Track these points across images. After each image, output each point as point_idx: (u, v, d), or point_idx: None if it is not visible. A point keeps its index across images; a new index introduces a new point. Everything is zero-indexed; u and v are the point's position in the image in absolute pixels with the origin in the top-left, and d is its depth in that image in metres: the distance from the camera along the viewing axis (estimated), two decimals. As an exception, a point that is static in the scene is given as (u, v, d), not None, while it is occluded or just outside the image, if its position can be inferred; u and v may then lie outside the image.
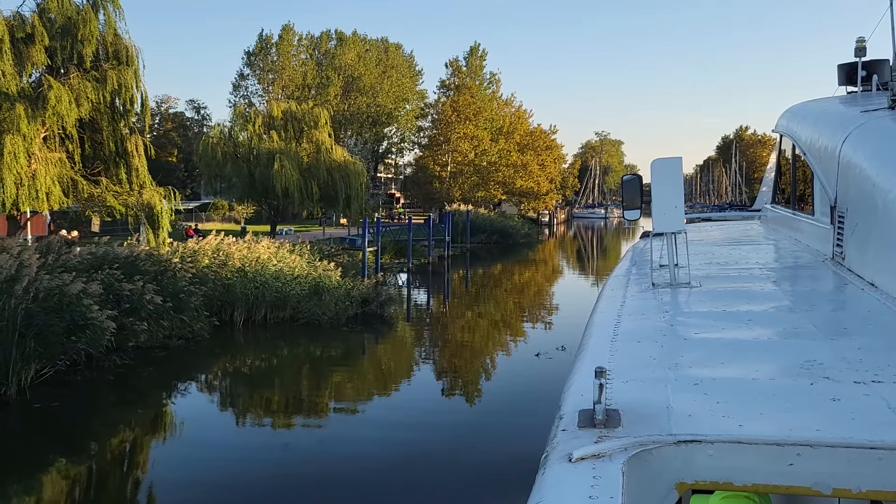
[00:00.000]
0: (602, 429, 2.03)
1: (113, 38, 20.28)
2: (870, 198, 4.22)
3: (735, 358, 2.80)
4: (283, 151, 31.61)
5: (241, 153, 31.95)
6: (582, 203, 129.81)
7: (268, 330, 19.62)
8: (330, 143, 33.00)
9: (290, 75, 63.40)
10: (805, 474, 1.87)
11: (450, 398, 14.38)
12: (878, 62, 6.36)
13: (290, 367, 17.04)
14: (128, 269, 17.34)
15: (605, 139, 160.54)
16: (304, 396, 14.50)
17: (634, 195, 4.71)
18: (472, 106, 62.75)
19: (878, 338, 3.06)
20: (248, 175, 31.36)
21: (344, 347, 18.93)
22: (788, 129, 6.58)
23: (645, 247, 6.50)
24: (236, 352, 18.19)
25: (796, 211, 6.41)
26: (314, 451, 10.92)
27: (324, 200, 33.65)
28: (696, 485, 1.96)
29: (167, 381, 15.00)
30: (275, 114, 32.88)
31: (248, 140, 32.02)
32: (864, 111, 5.16)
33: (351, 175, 33.18)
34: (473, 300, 29.17)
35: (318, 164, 32.64)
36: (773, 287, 4.37)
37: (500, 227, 55.65)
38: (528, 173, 70.49)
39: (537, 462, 1.97)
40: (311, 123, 33.28)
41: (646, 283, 4.66)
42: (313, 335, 19.24)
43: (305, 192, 31.91)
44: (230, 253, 22.03)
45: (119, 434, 11.79)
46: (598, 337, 3.40)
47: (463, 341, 20.18)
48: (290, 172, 30.91)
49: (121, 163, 20.87)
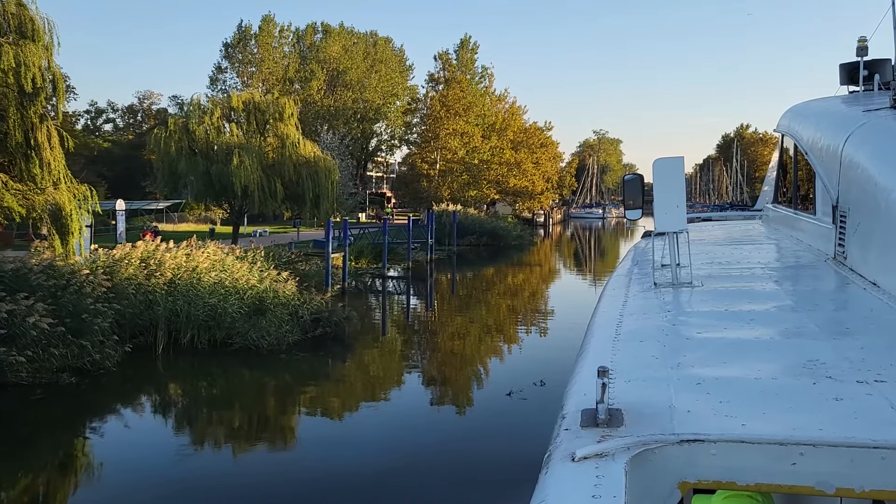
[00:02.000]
0: (605, 428, 2.04)
1: (16, 9, 17.12)
2: (872, 197, 4.18)
3: (737, 357, 2.79)
4: (243, 146, 28.50)
5: (198, 148, 28.80)
6: (579, 203, 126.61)
7: (194, 357, 16.28)
8: (297, 136, 29.86)
9: (270, 68, 60.14)
10: (808, 474, 1.88)
11: (405, 462, 10.58)
12: (880, 62, 6.33)
13: (182, 416, 13.21)
14: (15, 284, 14.24)
15: (604, 138, 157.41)
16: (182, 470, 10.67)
17: (636, 195, 4.67)
18: (462, 101, 59.58)
19: (880, 337, 3.05)
20: (204, 172, 28.21)
21: (274, 385, 15.16)
22: (790, 129, 6.52)
23: (647, 246, 6.53)
24: (135, 392, 14.34)
25: (798, 210, 6.37)
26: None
27: (290, 200, 30.56)
28: (698, 484, 1.96)
29: (23, 445, 11.02)
30: (235, 105, 29.73)
31: (205, 134, 28.87)
32: (866, 111, 5.10)
33: (320, 172, 30.08)
34: (449, 316, 25.39)
35: (283, 160, 29.57)
36: (775, 287, 4.36)
37: (490, 228, 52.26)
38: (522, 172, 67.43)
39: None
40: (276, 116, 30.16)
41: (648, 282, 4.61)
42: (243, 366, 15.93)
43: (268, 190, 28.83)
44: (163, 261, 18.94)
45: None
46: (601, 336, 3.38)
47: (430, 376, 16.46)
48: (251, 169, 27.81)
49: (31, 156, 17.73)
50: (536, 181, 70.83)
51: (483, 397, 14.13)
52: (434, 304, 28.43)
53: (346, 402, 14.01)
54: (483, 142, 63.14)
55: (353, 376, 16.32)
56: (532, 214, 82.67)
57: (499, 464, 9.90)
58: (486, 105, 70.84)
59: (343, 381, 15.86)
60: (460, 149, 58.37)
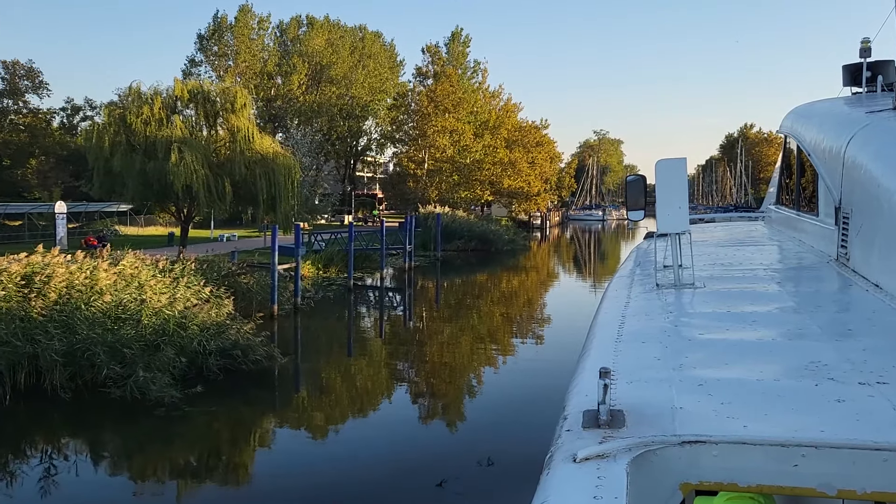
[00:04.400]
0: (606, 429, 2.04)
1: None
2: (874, 199, 4.15)
3: (739, 359, 2.80)
4: (185, 140, 24.88)
5: (137, 142, 25.19)
6: (578, 204, 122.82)
7: (43, 410, 12.43)
8: (249, 129, 26.22)
9: (247, 61, 56.51)
10: (810, 475, 1.88)
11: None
12: (883, 63, 6.31)
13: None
14: None
15: (604, 138, 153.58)
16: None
17: (638, 196, 4.72)
18: (451, 96, 55.94)
19: (882, 339, 3.04)
20: (140, 170, 24.59)
21: (142, 460, 10.78)
22: (793, 130, 6.50)
23: (649, 247, 6.56)
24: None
25: (800, 212, 6.33)
26: None
27: (241, 201, 26.96)
28: (700, 485, 1.96)
29: None
30: (178, 93, 26.09)
31: (143, 126, 25.27)
32: (869, 112, 5.06)
33: (277, 170, 26.46)
34: (414, 344, 20.71)
35: (233, 157, 25.97)
36: (778, 288, 4.36)
37: (480, 232, 48.43)
38: (517, 172, 63.86)
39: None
40: (227, 107, 26.56)
41: (650, 283, 4.62)
42: (93, 428, 12.09)
43: (216, 190, 25.20)
44: (53, 276, 15.38)
45: None
46: (603, 337, 3.37)
47: (370, 437, 11.99)
48: (194, 166, 24.20)
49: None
50: (532, 182, 67.25)
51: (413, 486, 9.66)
52: (401, 325, 24.74)
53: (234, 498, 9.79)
54: (475, 140, 59.54)
55: (257, 444, 11.99)
56: (528, 217, 79.03)
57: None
58: (479, 101, 67.21)
59: (237, 458, 11.30)
60: (449, 147, 54.71)
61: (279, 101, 57.17)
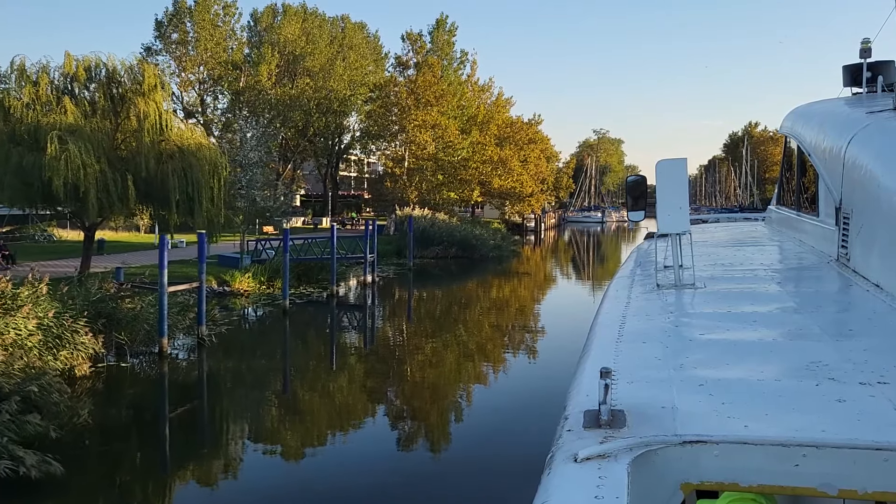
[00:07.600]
0: (607, 429, 2.02)
1: None
2: (875, 199, 4.17)
3: (740, 359, 2.79)
4: (73, 129, 19.97)
5: (16, 130, 20.29)
6: (576, 205, 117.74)
7: None
8: (159, 115, 21.29)
9: (209, 49, 51.57)
10: (810, 475, 1.87)
11: None
12: (884, 63, 6.32)
13: None
14: None
15: (604, 137, 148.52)
16: None
17: (639, 196, 4.68)
18: (433, 87, 50.97)
19: (883, 339, 3.03)
20: (17, 165, 19.68)
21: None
22: (793, 131, 6.56)
23: (649, 248, 6.51)
24: None
25: (801, 212, 6.33)
26: None
27: (152, 202, 22.02)
28: (701, 485, 1.95)
29: None
30: (69, 70, 21.16)
31: (24, 110, 20.38)
32: (870, 112, 5.09)
33: (195, 166, 21.54)
34: (335, 392, 15.71)
35: (138, 149, 21.07)
36: (778, 288, 4.33)
37: (461, 237, 43.30)
38: (508, 171, 58.90)
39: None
40: (134, 88, 21.63)
41: (650, 283, 4.60)
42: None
43: (115, 190, 20.28)
44: None
45: None
46: (603, 337, 3.34)
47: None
48: (81, 160, 19.26)
49: None
50: (525, 181, 62.29)
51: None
52: (342, 363, 19.76)
53: None
54: (462, 137, 54.62)
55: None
56: (522, 219, 74.10)
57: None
58: (467, 94, 62.23)
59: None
60: (430, 143, 49.77)
61: (247, 93, 52.23)
